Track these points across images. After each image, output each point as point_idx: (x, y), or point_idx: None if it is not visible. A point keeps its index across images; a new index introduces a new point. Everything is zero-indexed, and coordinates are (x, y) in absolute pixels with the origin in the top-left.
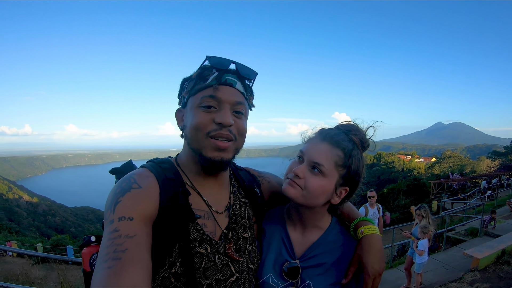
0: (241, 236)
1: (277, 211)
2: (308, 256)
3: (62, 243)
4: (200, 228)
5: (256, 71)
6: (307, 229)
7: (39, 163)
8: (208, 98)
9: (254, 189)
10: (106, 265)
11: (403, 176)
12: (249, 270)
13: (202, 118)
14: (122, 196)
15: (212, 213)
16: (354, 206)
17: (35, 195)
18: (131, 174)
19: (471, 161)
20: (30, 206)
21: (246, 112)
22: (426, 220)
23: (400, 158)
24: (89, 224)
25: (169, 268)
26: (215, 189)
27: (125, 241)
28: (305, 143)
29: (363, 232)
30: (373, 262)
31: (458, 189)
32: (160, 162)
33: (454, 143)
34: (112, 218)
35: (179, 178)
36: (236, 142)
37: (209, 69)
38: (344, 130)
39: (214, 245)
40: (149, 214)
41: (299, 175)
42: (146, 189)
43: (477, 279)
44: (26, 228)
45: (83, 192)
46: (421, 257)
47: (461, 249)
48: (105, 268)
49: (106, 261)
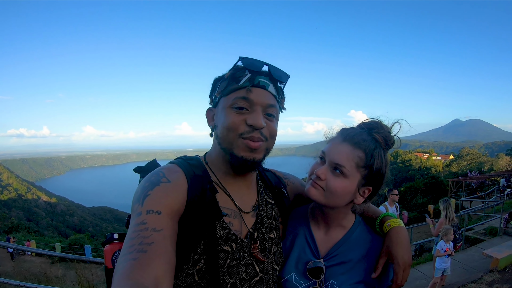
0: (267, 237)
1: (301, 210)
2: (332, 255)
3: (80, 242)
4: (226, 226)
5: (289, 74)
6: (331, 228)
7: (57, 164)
8: (241, 100)
9: (281, 189)
10: (131, 256)
11: (420, 175)
12: (273, 270)
13: (235, 119)
14: (151, 190)
15: (239, 212)
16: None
17: (53, 196)
18: (160, 168)
19: (490, 159)
20: (49, 206)
21: (277, 114)
22: (444, 212)
23: (417, 156)
24: (107, 224)
25: (193, 265)
26: (243, 188)
27: (151, 234)
28: (327, 143)
29: (390, 225)
30: (402, 253)
31: (477, 187)
32: (188, 159)
33: (472, 140)
34: (140, 211)
35: (207, 175)
36: (267, 143)
37: (241, 70)
38: (366, 129)
39: (240, 243)
40: (176, 209)
41: (321, 176)
42: (175, 184)
43: (496, 279)
44: (44, 228)
45: (101, 192)
46: (441, 260)
47: (480, 249)
48: (129, 259)
49: (131, 252)
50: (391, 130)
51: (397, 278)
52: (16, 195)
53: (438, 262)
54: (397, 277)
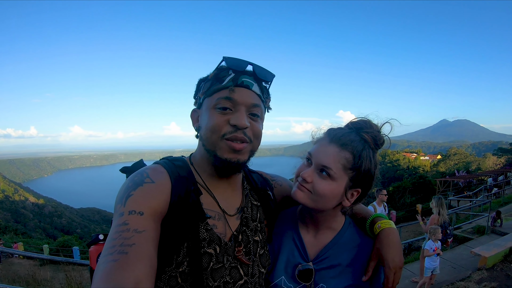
0: (252, 239)
1: (289, 212)
2: (321, 258)
3: (68, 244)
4: (210, 228)
5: (274, 73)
6: (320, 231)
7: (44, 165)
8: (224, 100)
9: (267, 191)
10: (112, 258)
11: (408, 174)
12: (260, 273)
13: (218, 119)
14: (134, 190)
15: (224, 215)
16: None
17: (41, 197)
18: (144, 168)
19: (477, 158)
20: (36, 207)
21: (262, 114)
22: (437, 209)
23: (405, 156)
24: (95, 225)
25: (176, 267)
26: (227, 191)
27: (133, 235)
28: (314, 143)
29: (380, 227)
30: (393, 255)
31: (464, 186)
32: (174, 159)
33: (460, 140)
34: (122, 211)
35: (192, 177)
36: (251, 144)
37: (225, 70)
38: (354, 129)
39: (224, 246)
40: (159, 210)
41: (307, 179)
42: (159, 185)
43: (484, 277)
44: (32, 230)
45: (89, 193)
46: (430, 260)
47: (468, 247)
48: (110, 260)
49: (112, 253)
50: (380, 130)
51: (387, 282)
52: (3, 196)
53: (428, 261)
54: (388, 280)
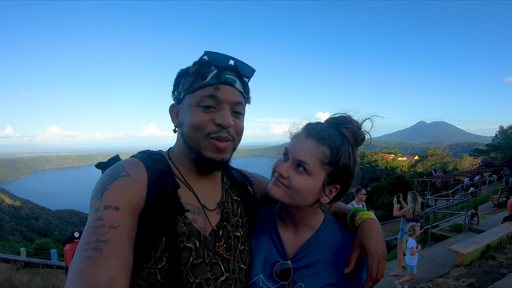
0: (233, 235)
1: (267, 210)
2: (300, 256)
3: (45, 247)
4: (189, 222)
5: (254, 68)
6: (299, 229)
7: (21, 166)
8: (208, 98)
9: (247, 187)
10: (86, 254)
11: (386, 175)
12: (240, 270)
13: (202, 118)
14: (110, 184)
15: (203, 209)
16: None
17: (17, 199)
18: (121, 162)
19: (454, 159)
20: (13, 209)
21: (244, 111)
22: (412, 204)
23: (383, 156)
24: (73, 227)
25: (155, 264)
26: (207, 185)
27: (108, 231)
28: (291, 139)
29: (361, 218)
30: (376, 245)
31: (441, 186)
32: (151, 153)
33: (437, 142)
34: (98, 206)
35: (170, 171)
36: (234, 142)
37: (207, 65)
38: (334, 124)
39: (203, 240)
40: (135, 204)
41: (283, 174)
42: (135, 178)
43: (463, 274)
44: (9, 232)
45: (66, 194)
46: (412, 257)
47: (446, 245)
48: (84, 257)
49: (86, 250)
50: (361, 126)
51: (371, 272)
52: None
53: (410, 259)
54: (372, 271)
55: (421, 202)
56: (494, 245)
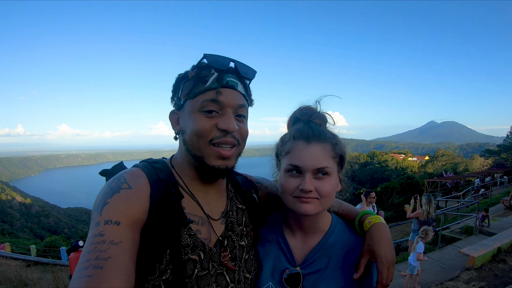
0: (238, 244)
1: (273, 216)
2: (308, 262)
3: (55, 244)
4: (193, 233)
5: (255, 69)
6: (307, 234)
7: (32, 164)
8: (210, 103)
9: (252, 194)
10: (86, 272)
11: (396, 175)
12: (245, 279)
13: (205, 124)
14: (111, 198)
15: (208, 219)
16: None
17: (28, 196)
18: (122, 173)
19: (464, 160)
20: (23, 207)
21: (247, 114)
22: (426, 206)
23: (393, 156)
24: (83, 225)
25: (160, 276)
26: (211, 194)
27: (109, 248)
28: (288, 153)
29: (370, 222)
30: (385, 250)
31: (452, 187)
32: (153, 162)
33: (447, 142)
34: (98, 220)
35: (173, 180)
36: (239, 147)
37: (207, 68)
38: (309, 120)
39: (208, 252)
40: (137, 218)
41: (311, 189)
42: (136, 190)
43: (473, 277)
44: (19, 230)
45: (76, 192)
46: (415, 259)
47: (457, 247)
48: (84, 276)
49: (87, 268)
50: (320, 110)
51: (381, 278)
52: None
53: (412, 259)
54: (382, 276)
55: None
56: (505, 248)
